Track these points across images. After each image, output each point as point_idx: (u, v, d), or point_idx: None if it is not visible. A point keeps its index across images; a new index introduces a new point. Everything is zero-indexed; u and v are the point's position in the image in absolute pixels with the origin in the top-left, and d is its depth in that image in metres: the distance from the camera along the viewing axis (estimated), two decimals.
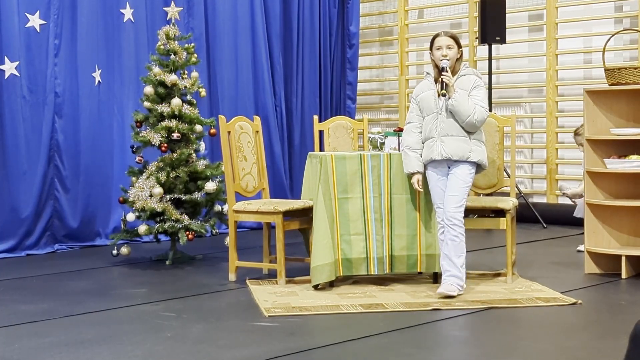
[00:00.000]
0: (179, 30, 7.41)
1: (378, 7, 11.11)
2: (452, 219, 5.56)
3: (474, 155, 5.59)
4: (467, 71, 5.71)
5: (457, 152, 5.56)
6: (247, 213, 6.28)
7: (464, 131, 5.59)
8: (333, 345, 4.46)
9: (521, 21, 9.89)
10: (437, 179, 5.65)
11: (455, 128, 5.58)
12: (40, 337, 4.69)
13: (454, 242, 5.56)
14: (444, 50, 5.63)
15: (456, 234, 5.56)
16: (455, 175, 5.60)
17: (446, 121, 5.59)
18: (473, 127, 5.59)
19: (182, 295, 5.80)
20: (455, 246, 5.56)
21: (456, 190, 5.58)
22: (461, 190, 5.58)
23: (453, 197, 5.57)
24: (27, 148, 7.73)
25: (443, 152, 5.57)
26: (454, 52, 5.66)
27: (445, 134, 5.58)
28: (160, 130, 7.07)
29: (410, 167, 5.73)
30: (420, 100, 5.73)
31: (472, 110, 5.54)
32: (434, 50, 5.68)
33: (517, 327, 4.93)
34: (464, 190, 5.60)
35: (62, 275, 6.69)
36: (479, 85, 5.67)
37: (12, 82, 7.63)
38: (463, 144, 5.57)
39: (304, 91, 9.96)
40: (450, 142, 5.57)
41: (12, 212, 7.64)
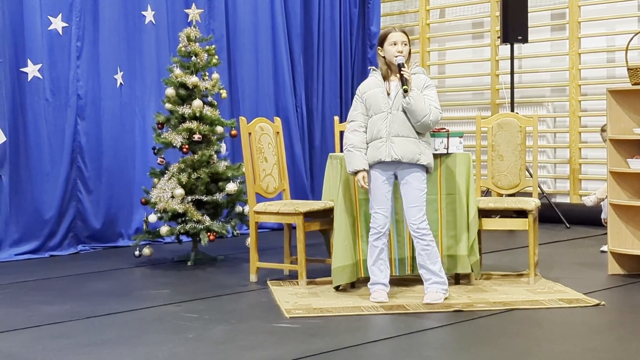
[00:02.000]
0: (200, 32, 7.43)
1: (399, 6, 11.09)
2: (420, 230, 5.42)
3: (423, 159, 5.40)
4: (417, 70, 5.52)
5: (407, 154, 5.35)
6: (268, 214, 6.28)
7: (415, 132, 5.38)
8: (354, 346, 4.45)
9: (543, 20, 9.84)
10: (382, 182, 5.45)
11: (407, 129, 5.36)
12: (63, 338, 4.71)
13: (426, 251, 5.43)
14: (399, 46, 5.40)
15: (427, 243, 5.44)
16: (409, 184, 5.41)
17: (398, 121, 5.37)
18: (426, 128, 5.40)
19: (204, 296, 5.81)
20: (429, 254, 5.45)
21: (416, 201, 5.41)
22: (421, 199, 5.41)
23: (414, 207, 5.41)
24: (50, 150, 7.78)
25: (393, 153, 5.36)
26: (407, 49, 5.45)
27: (396, 135, 5.36)
28: (181, 131, 7.09)
29: (355, 164, 5.42)
30: (368, 98, 5.49)
31: (428, 110, 5.34)
32: (387, 45, 5.43)
33: (540, 328, 4.90)
34: (423, 198, 5.43)
35: (84, 276, 6.72)
36: (430, 85, 5.48)
37: (35, 84, 7.69)
38: (413, 146, 5.37)
39: (324, 92, 9.95)
40: (401, 143, 5.35)
41: (35, 214, 7.70)
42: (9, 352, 4.45)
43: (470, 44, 10.47)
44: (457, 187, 5.90)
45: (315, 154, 9.87)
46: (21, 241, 7.63)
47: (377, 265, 5.54)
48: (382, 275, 5.54)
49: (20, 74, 7.62)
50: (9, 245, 7.55)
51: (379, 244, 5.51)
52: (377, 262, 5.54)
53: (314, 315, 5.14)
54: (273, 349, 4.43)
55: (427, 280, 5.50)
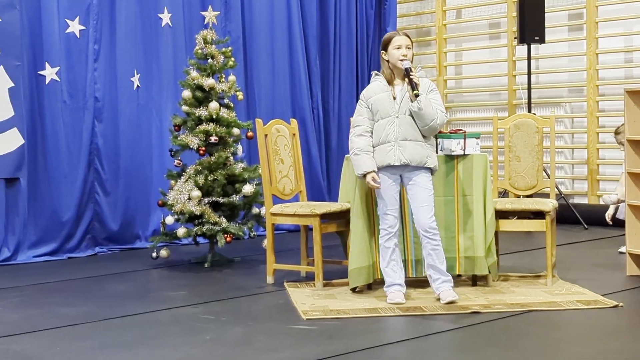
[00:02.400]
0: (217, 34, 7.44)
1: (415, 7, 11.07)
2: (430, 230, 5.45)
3: (430, 161, 5.44)
4: (420, 73, 5.51)
5: (415, 158, 5.39)
6: (285, 216, 6.29)
7: (421, 136, 5.41)
8: (371, 348, 4.45)
9: (561, 20, 9.80)
10: (390, 184, 5.47)
11: (414, 132, 5.39)
12: (81, 340, 4.74)
13: (436, 251, 5.47)
14: (404, 50, 5.42)
15: (437, 243, 5.47)
16: (418, 185, 5.44)
17: (404, 125, 5.39)
18: (433, 132, 5.44)
19: (221, 297, 5.82)
20: (438, 254, 5.48)
21: (425, 201, 5.44)
22: (429, 199, 5.45)
23: (424, 207, 5.44)
24: (67, 152, 7.82)
25: (402, 157, 5.38)
26: (411, 53, 5.48)
27: (404, 139, 5.39)
28: (198, 133, 7.10)
29: (365, 167, 5.44)
30: (374, 103, 5.49)
31: (436, 114, 5.38)
32: (392, 49, 5.44)
33: (557, 330, 4.88)
34: (431, 198, 5.46)
35: (102, 278, 6.75)
36: (434, 88, 5.51)
37: (52, 87, 7.73)
38: (421, 149, 5.41)
39: (341, 93, 9.95)
40: (409, 147, 5.39)
41: (53, 216, 7.73)
42: (27, 354, 4.48)
43: (487, 44, 10.44)
44: (474, 188, 5.88)
45: (331, 156, 9.87)
46: (39, 243, 7.67)
47: (391, 267, 5.54)
48: (396, 276, 5.54)
49: (38, 77, 7.67)
50: (27, 247, 7.59)
51: (391, 245, 5.52)
52: (390, 263, 5.54)
53: (330, 317, 5.14)
54: (290, 350, 4.44)
55: (437, 280, 5.51)
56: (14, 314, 5.50)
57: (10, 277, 6.77)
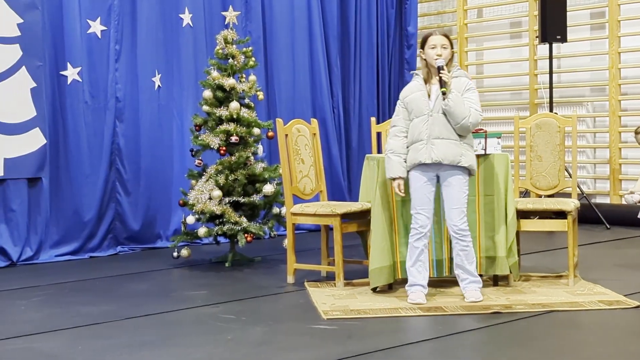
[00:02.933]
0: (237, 34, 7.45)
1: (436, 6, 11.05)
2: (461, 231, 5.45)
3: (464, 160, 5.41)
4: (459, 73, 5.52)
5: (447, 156, 5.38)
6: (305, 215, 6.29)
7: (456, 134, 5.40)
8: (392, 348, 4.44)
9: (582, 19, 9.75)
10: (424, 183, 5.46)
11: (447, 131, 5.39)
12: (103, 339, 4.76)
13: (465, 251, 5.48)
14: (439, 49, 5.43)
15: (466, 243, 5.48)
16: (451, 186, 5.44)
17: (437, 123, 5.39)
18: (466, 130, 5.42)
19: (241, 297, 5.83)
20: (467, 255, 5.49)
21: (457, 202, 5.44)
22: (462, 200, 5.44)
23: (456, 209, 5.44)
24: (89, 152, 7.85)
25: (433, 155, 5.38)
26: (448, 52, 5.47)
27: (436, 137, 5.39)
28: (218, 133, 7.12)
29: (392, 172, 5.50)
30: (409, 102, 5.51)
31: (468, 113, 5.36)
32: (427, 49, 5.47)
33: (579, 330, 4.86)
34: (465, 200, 5.46)
35: (123, 277, 6.78)
36: (471, 87, 5.49)
37: (74, 87, 7.76)
38: (454, 148, 5.39)
39: (361, 93, 9.94)
40: (441, 145, 5.38)
41: (75, 215, 7.77)
42: (49, 353, 4.50)
43: (508, 43, 10.41)
44: (496, 188, 5.86)
45: (352, 155, 9.86)
46: (61, 242, 7.71)
47: (416, 267, 5.53)
48: (420, 277, 5.53)
49: (60, 77, 7.71)
50: (49, 247, 7.63)
51: (420, 245, 5.50)
52: (416, 263, 5.53)
53: (351, 317, 5.13)
54: (310, 350, 4.44)
55: (464, 280, 5.52)
56: (37, 312, 5.54)
57: (33, 277, 6.81)
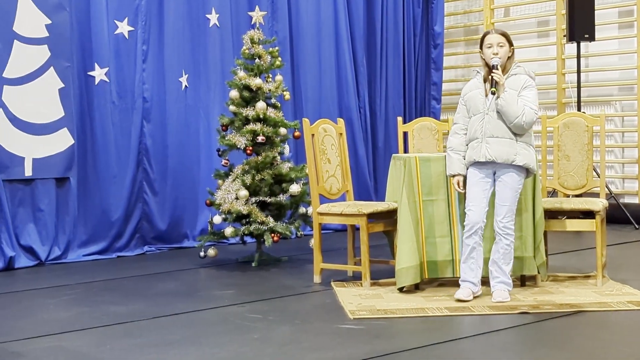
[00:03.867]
0: (264, 34, 7.47)
1: (463, 6, 11.01)
2: (505, 229, 5.47)
3: (519, 159, 5.41)
4: (518, 70, 5.53)
5: (501, 155, 5.39)
6: (332, 215, 6.29)
7: (511, 133, 5.41)
8: (419, 348, 4.43)
9: (610, 18, 9.68)
10: (479, 179, 5.49)
11: (502, 129, 5.40)
12: (130, 338, 4.78)
13: (505, 250, 5.49)
14: (495, 48, 5.45)
15: (508, 242, 5.49)
16: (504, 183, 5.46)
17: (493, 122, 5.42)
18: (521, 129, 5.41)
19: (268, 297, 5.84)
20: (506, 254, 5.50)
21: (507, 200, 5.46)
22: (512, 199, 5.46)
23: (504, 206, 5.46)
24: (116, 152, 7.90)
25: (487, 154, 5.41)
26: (505, 50, 5.48)
27: (491, 135, 5.41)
28: (245, 133, 7.13)
29: (451, 169, 5.58)
30: (468, 99, 5.57)
31: (521, 111, 5.36)
32: (485, 48, 5.50)
33: (608, 331, 4.82)
34: (515, 199, 5.48)
35: (151, 276, 6.81)
36: (530, 85, 5.49)
37: (102, 88, 7.81)
38: (508, 147, 5.40)
39: (388, 92, 9.92)
40: (495, 144, 5.40)
41: (103, 215, 7.82)
42: (78, 351, 4.53)
43: (536, 42, 10.35)
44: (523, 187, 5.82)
45: (378, 155, 9.84)
46: (89, 242, 7.76)
47: (468, 264, 5.56)
48: (471, 274, 5.55)
49: (88, 77, 7.76)
50: (77, 246, 7.68)
51: (470, 242, 5.53)
52: (467, 260, 5.56)
53: (378, 317, 5.13)
54: (337, 350, 4.44)
55: (495, 279, 5.52)
56: (66, 312, 5.58)
57: (61, 276, 6.86)
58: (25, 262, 7.32)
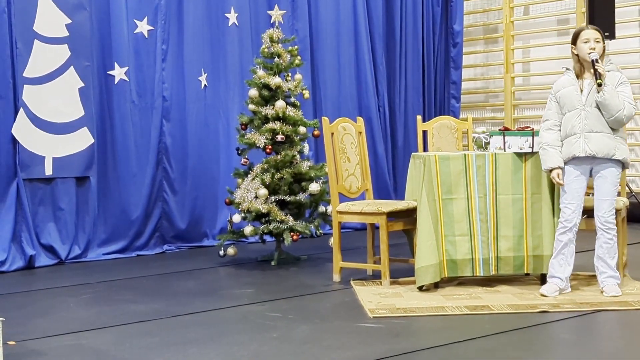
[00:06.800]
0: (283, 33, 7.47)
1: (482, 4, 10.97)
2: (607, 223, 5.50)
3: (618, 153, 5.45)
4: (612, 67, 5.56)
5: (602, 149, 5.43)
6: (351, 214, 6.28)
7: (609, 127, 5.44)
8: (438, 347, 4.43)
9: (631, 16, 9.62)
10: (576, 176, 5.52)
11: (601, 124, 5.43)
12: (150, 337, 4.80)
13: (608, 244, 5.51)
14: (592, 43, 5.48)
15: (610, 236, 5.51)
16: (604, 178, 5.49)
17: (591, 117, 5.45)
18: (619, 124, 5.44)
19: (288, 295, 5.85)
20: (609, 248, 5.52)
21: (608, 194, 5.49)
22: (613, 193, 5.51)
23: (605, 201, 5.49)
24: (136, 151, 7.92)
25: (587, 148, 5.44)
26: (601, 46, 5.52)
27: (590, 130, 5.44)
28: (264, 132, 7.14)
29: (550, 162, 5.57)
30: (561, 96, 5.59)
31: (623, 105, 5.40)
32: (580, 43, 5.53)
33: (629, 330, 4.79)
34: (615, 193, 5.53)
35: (170, 275, 6.83)
36: (624, 81, 5.52)
37: (121, 87, 7.84)
38: (608, 141, 5.44)
39: (407, 91, 9.91)
40: (595, 139, 5.44)
41: (122, 214, 7.85)
42: (97, 349, 4.55)
43: (556, 41, 10.29)
44: (543, 186, 5.81)
45: (397, 154, 9.83)
46: (109, 241, 7.79)
47: (558, 260, 5.58)
48: (560, 270, 5.57)
49: (108, 77, 7.79)
50: (97, 245, 7.72)
51: (564, 239, 5.55)
52: (558, 256, 5.58)
53: (397, 315, 5.12)
54: (357, 349, 4.43)
55: (603, 274, 5.56)
56: (85, 310, 5.60)
57: (81, 274, 6.89)
58: (45, 261, 7.36)
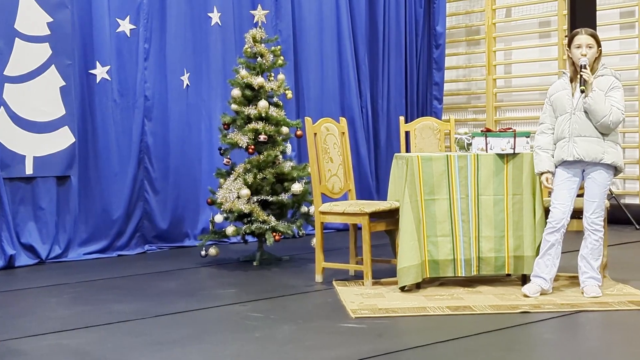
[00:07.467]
0: (267, 33, 7.47)
1: (465, 6, 11.01)
2: (594, 225, 5.54)
3: (607, 157, 5.48)
4: (605, 72, 5.58)
5: (589, 154, 5.47)
6: (334, 214, 6.29)
7: (598, 132, 5.47)
8: (420, 347, 4.43)
9: (612, 18, 9.68)
10: (566, 178, 5.56)
11: (589, 129, 5.47)
12: (132, 336, 4.78)
13: (594, 246, 5.56)
14: (584, 49, 5.51)
15: (597, 238, 5.56)
16: (593, 180, 5.53)
17: (580, 121, 5.48)
18: (607, 129, 5.47)
19: (270, 296, 5.84)
20: (594, 250, 5.57)
21: (596, 196, 5.53)
22: (601, 196, 5.54)
23: (593, 202, 5.54)
24: (118, 151, 7.89)
25: (575, 153, 5.49)
26: (593, 51, 5.53)
27: (578, 135, 5.49)
28: (247, 132, 7.13)
29: (540, 166, 5.63)
30: (554, 99, 5.63)
31: (609, 111, 5.42)
32: (573, 48, 5.56)
33: (608, 331, 4.82)
34: (604, 195, 5.57)
35: (152, 275, 6.81)
36: (616, 86, 5.54)
37: (103, 86, 7.81)
38: (596, 145, 5.47)
39: (389, 92, 9.93)
40: (583, 143, 5.47)
41: (103, 214, 7.82)
42: (79, 349, 4.53)
43: (537, 43, 10.35)
44: (524, 187, 5.84)
45: (380, 155, 9.85)
46: (90, 241, 7.76)
47: (544, 260, 5.61)
48: (546, 270, 5.60)
49: (89, 75, 7.75)
50: (78, 245, 7.68)
51: (551, 239, 5.58)
52: (544, 256, 5.60)
53: (379, 316, 5.13)
54: (339, 349, 4.43)
55: (584, 274, 5.60)
56: (67, 309, 5.58)
57: (62, 274, 6.86)
58: (25, 261, 7.32)
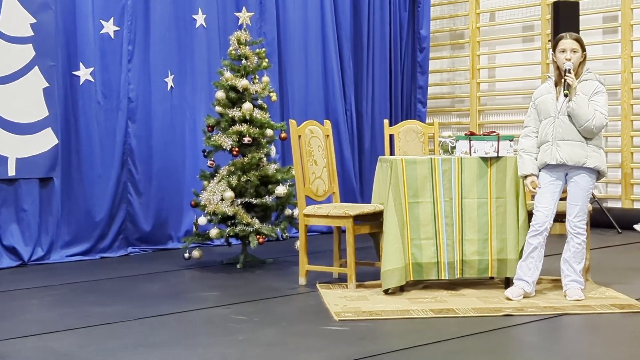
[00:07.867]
0: (251, 35, 7.46)
1: (449, 10, 11.04)
2: (576, 228, 5.57)
3: (590, 162, 5.51)
4: (590, 76, 5.60)
5: (572, 158, 5.49)
6: (318, 217, 6.28)
7: (581, 136, 5.50)
8: (404, 350, 4.44)
9: (595, 23, 9.73)
10: (550, 181, 5.59)
11: (572, 133, 5.49)
12: (115, 339, 4.76)
13: (576, 249, 5.58)
14: (568, 53, 5.53)
15: (579, 242, 5.58)
16: (576, 183, 5.56)
17: (563, 125, 5.51)
18: (590, 133, 5.49)
19: (253, 298, 5.83)
20: (577, 253, 5.59)
21: (578, 200, 5.56)
22: (583, 199, 5.57)
23: (576, 206, 5.56)
24: (101, 152, 7.86)
25: (558, 156, 5.51)
26: (578, 56, 5.56)
27: (561, 139, 5.51)
28: (231, 134, 7.12)
29: (524, 169, 5.65)
30: (539, 103, 5.66)
31: (592, 115, 5.44)
32: (558, 52, 5.59)
33: (591, 334, 4.85)
34: (586, 199, 5.59)
35: (135, 278, 6.78)
36: (600, 91, 5.56)
37: (86, 87, 7.78)
38: (579, 150, 5.49)
39: (374, 95, 9.94)
40: (566, 147, 5.50)
41: (86, 216, 7.78)
42: (62, 352, 4.51)
43: (521, 47, 10.39)
44: (508, 190, 5.86)
45: (364, 157, 9.86)
46: (72, 243, 7.72)
47: (527, 263, 5.63)
48: (529, 273, 5.62)
49: (73, 77, 7.72)
50: (60, 247, 7.64)
51: (534, 242, 5.60)
52: (527, 259, 5.63)
53: (363, 319, 5.13)
54: (322, 351, 4.44)
55: (567, 277, 5.62)
56: (49, 312, 5.55)
57: (44, 276, 6.83)
58: (7, 263, 7.28)
